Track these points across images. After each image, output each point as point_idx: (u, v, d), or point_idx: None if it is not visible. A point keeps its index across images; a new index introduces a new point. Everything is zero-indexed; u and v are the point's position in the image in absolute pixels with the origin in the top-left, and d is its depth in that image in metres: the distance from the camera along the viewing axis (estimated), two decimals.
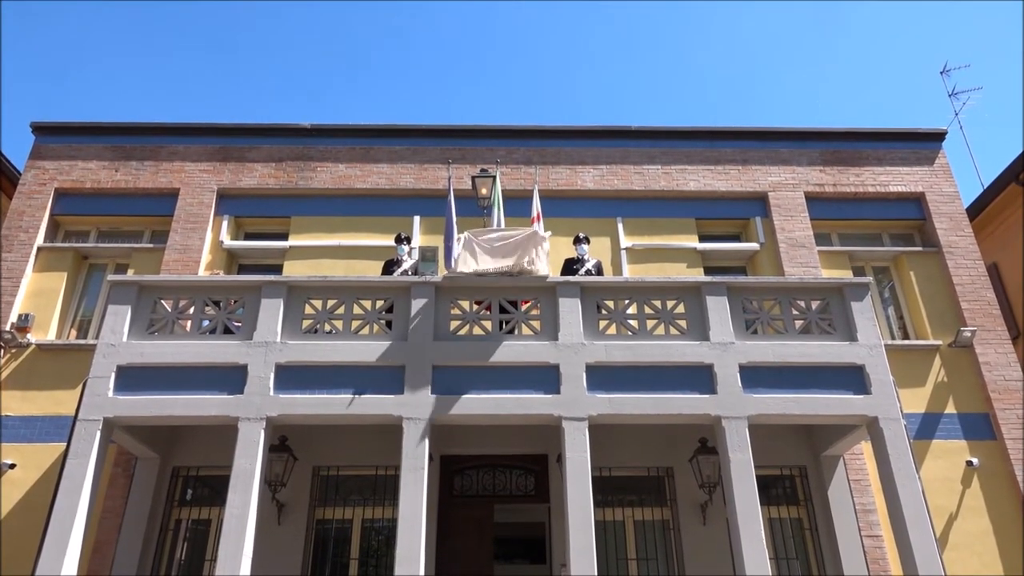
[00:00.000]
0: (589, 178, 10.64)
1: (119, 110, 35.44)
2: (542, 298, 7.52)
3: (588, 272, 8.51)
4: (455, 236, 9.38)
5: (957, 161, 35.18)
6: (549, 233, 7.87)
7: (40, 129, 10.73)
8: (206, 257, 9.95)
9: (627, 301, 7.56)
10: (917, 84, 34.39)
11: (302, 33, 34.82)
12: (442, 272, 8.91)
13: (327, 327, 7.42)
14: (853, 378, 7.08)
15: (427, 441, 6.71)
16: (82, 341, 9.21)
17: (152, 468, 8.16)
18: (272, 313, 7.19)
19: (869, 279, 7.72)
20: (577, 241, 8.86)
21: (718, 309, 7.33)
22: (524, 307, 7.72)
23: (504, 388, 6.98)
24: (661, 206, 10.57)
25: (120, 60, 33.68)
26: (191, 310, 7.40)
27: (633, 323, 7.47)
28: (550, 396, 6.89)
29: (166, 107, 33.77)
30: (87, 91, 34.12)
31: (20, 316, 9.24)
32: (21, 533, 7.89)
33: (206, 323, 7.39)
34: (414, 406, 6.81)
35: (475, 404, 6.88)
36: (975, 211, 12.15)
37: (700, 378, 7.05)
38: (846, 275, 9.85)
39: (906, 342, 9.55)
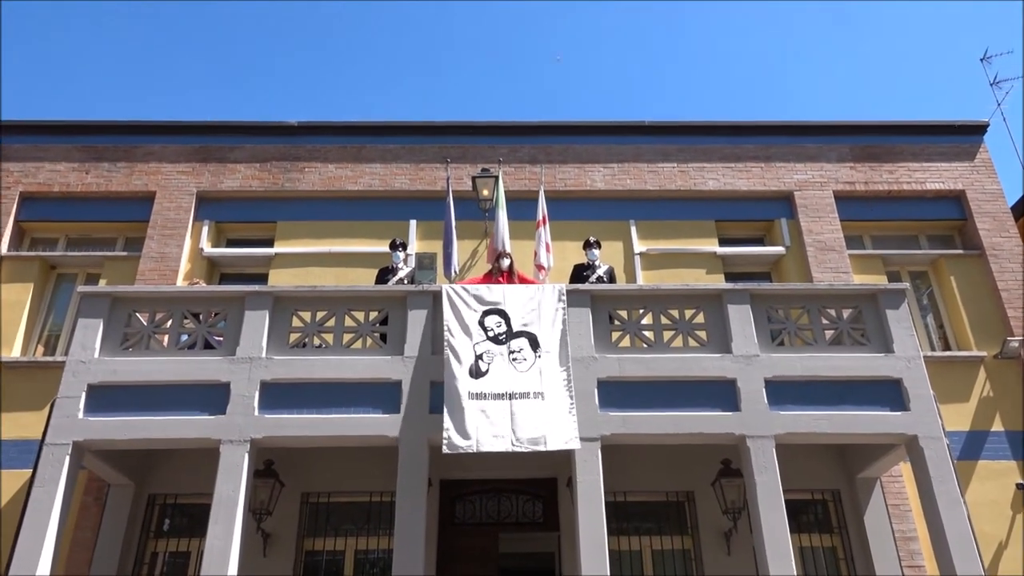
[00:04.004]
0: (599, 178, 10.68)
1: (89, 107, 35.64)
2: None
3: (599, 279, 8.54)
4: (454, 243, 9.45)
5: (1000, 156, 35.19)
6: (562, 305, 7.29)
7: (3, 128, 10.79)
8: (185, 266, 9.98)
9: (642, 311, 7.57)
10: (955, 72, 34.46)
11: (287, 23, 35.06)
12: (441, 280, 8.96)
13: (316, 341, 7.44)
14: (890, 393, 7.07)
15: (426, 464, 6.71)
16: (50, 358, 9.22)
17: (126, 496, 8.15)
18: (257, 326, 7.20)
19: (906, 285, 7.74)
20: (587, 246, 8.90)
21: (741, 319, 7.33)
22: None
23: None
24: (678, 207, 10.60)
25: (91, 54, 33.96)
26: (169, 323, 7.41)
27: (648, 334, 7.49)
28: None
29: (140, 104, 33.98)
30: (55, 87, 34.38)
31: None
32: None
33: (185, 338, 7.40)
34: (411, 426, 6.81)
35: None
36: (1021, 210, 12.13)
37: (722, 394, 7.04)
38: (880, 281, 9.85)
39: (947, 353, 9.54)
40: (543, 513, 8.55)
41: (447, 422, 6.55)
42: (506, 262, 8.61)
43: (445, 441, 6.47)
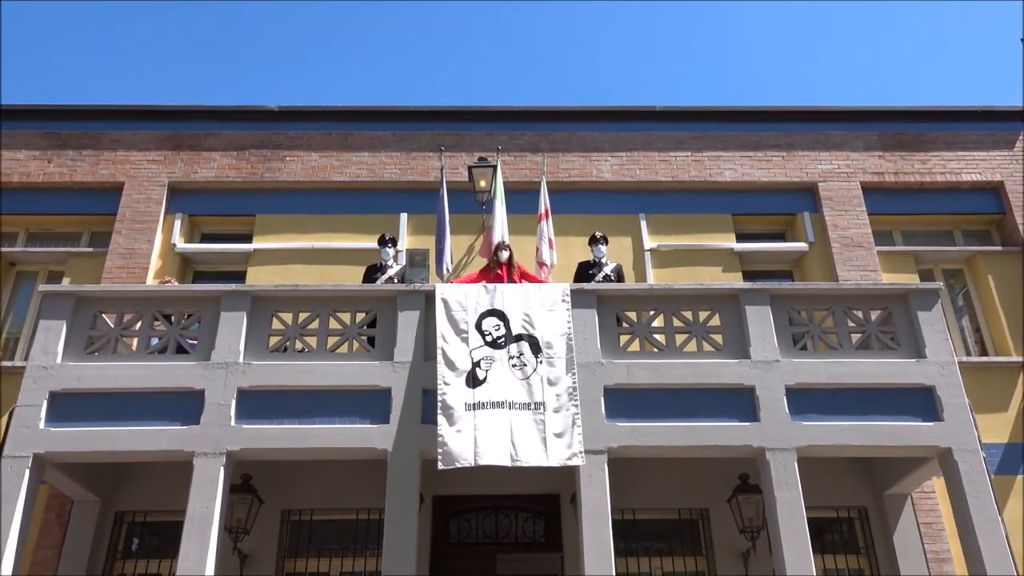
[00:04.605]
0: (606, 167, 10.67)
1: (52, 91, 35.64)
2: None
3: (606, 278, 8.54)
4: (447, 238, 9.43)
5: None
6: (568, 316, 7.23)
7: None
8: (155, 263, 9.98)
9: (652, 312, 7.57)
10: (992, 54, 34.49)
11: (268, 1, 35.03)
12: (434, 279, 8.95)
13: (298, 344, 7.44)
14: (921, 402, 7.06)
15: (417, 479, 6.70)
16: (8, 363, 9.20)
17: (91, 513, 8.14)
18: (233, 328, 7.19)
19: (939, 284, 7.73)
20: (593, 242, 8.89)
21: (760, 321, 7.33)
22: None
23: None
24: (691, 200, 10.61)
25: (54, 33, 33.92)
26: (138, 326, 7.41)
27: (660, 338, 7.48)
28: None
29: (108, 87, 33.98)
30: (14, 69, 34.36)
31: None
32: None
33: (155, 341, 7.41)
34: (402, 438, 6.80)
35: None
36: None
37: (739, 403, 7.04)
38: (912, 279, 9.85)
39: (984, 359, 9.56)
40: (545, 532, 8.56)
41: (442, 435, 6.53)
42: (505, 254, 8.55)
43: (440, 455, 6.45)
